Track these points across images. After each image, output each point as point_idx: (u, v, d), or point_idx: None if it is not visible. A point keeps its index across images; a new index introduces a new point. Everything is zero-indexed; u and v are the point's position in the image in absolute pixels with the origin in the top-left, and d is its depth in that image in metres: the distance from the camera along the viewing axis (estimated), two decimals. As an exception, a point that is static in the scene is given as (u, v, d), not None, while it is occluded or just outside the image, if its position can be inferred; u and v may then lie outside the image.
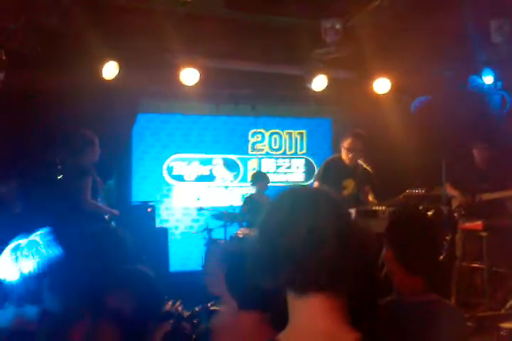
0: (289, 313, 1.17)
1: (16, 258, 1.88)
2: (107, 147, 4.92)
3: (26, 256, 1.88)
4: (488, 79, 5.63)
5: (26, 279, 1.85)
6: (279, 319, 1.22)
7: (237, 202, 6.91)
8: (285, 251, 1.10)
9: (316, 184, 5.20)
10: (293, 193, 1.20)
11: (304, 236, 1.09)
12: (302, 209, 1.13)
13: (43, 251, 1.91)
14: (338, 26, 5.22)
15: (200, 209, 6.37)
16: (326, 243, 1.09)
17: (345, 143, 5.08)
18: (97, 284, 1.94)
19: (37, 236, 1.97)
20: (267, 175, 6.43)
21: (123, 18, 4.94)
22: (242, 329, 1.83)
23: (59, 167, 4.88)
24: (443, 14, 4.90)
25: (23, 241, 1.94)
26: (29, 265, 1.86)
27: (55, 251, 1.94)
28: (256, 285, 1.67)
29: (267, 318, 1.85)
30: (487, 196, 5.14)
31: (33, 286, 1.85)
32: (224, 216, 5.95)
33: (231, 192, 7.18)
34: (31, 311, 1.85)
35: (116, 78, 5.39)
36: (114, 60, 5.30)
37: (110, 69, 5.34)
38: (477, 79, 5.70)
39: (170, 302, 2.34)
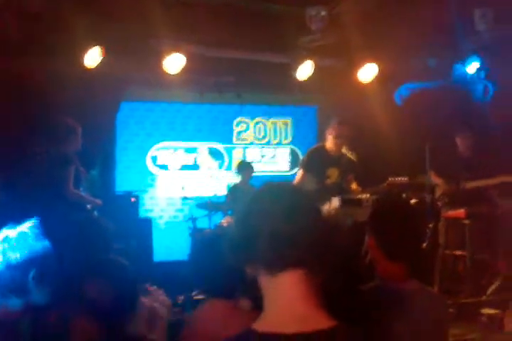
0: (264, 299, 1.18)
1: (4, 250, 1.86)
2: (90, 136, 4.86)
3: (14, 248, 1.86)
4: (471, 68, 5.65)
5: (13, 271, 1.84)
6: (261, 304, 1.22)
7: (222, 191, 6.89)
8: (263, 235, 1.13)
9: (300, 173, 5.20)
10: (274, 186, 1.26)
11: (281, 223, 1.13)
12: (281, 200, 1.18)
13: (32, 243, 1.90)
14: (323, 14, 5.19)
15: (185, 198, 6.34)
16: (302, 228, 1.14)
17: (332, 130, 5.06)
18: (79, 274, 1.93)
19: (26, 227, 1.95)
20: (252, 164, 6.42)
21: (107, 4, 4.84)
22: (214, 316, 1.84)
23: (41, 156, 4.81)
24: (428, 2, 4.89)
25: (11, 233, 1.92)
26: (16, 257, 1.85)
27: (43, 244, 1.93)
28: (227, 272, 1.68)
29: (240, 305, 1.85)
30: (471, 184, 5.19)
31: (19, 278, 1.84)
32: (208, 205, 5.93)
33: (216, 181, 7.15)
34: (15, 302, 1.84)
35: (100, 65, 5.30)
36: (98, 45, 5.21)
37: (93, 56, 5.24)
38: (461, 67, 5.72)
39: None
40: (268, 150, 7.54)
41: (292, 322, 1.11)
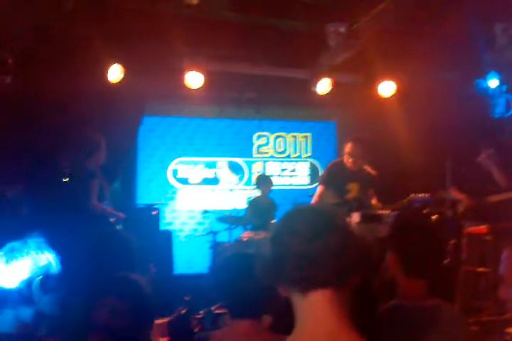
0: (295, 317, 1.21)
1: (8, 261, 1.88)
2: (112, 150, 4.94)
3: (18, 258, 1.88)
4: (493, 83, 5.61)
5: (19, 281, 1.86)
6: (281, 324, 1.24)
7: (242, 205, 6.92)
8: (293, 254, 1.17)
9: (320, 188, 5.19)
10: (303, 207, 1.32)
11: (307, 243, 1.17)
12: (309, 221, 1.22)
13: (36, 253, 1.91)
14: (342, 30, 5.22)
15: (205, 212, 6.38)
16: (328, 247, 1.17)
17: (346, 148, 5.07)
18: (98, 289, 1.94)
19: (30, 238, 1.98)
20: (271, 178, 6.44)
21: (128, 21, 4.96)
22: (239, 337, 1.84)
23: (65, 170, 4.90)
24: (448, 17, 4.90)
25: (16, 244, 1.95)
26: (22, 267, 1.87)
27: (49, 254, 1.95)
28: (255, 292, 1.69)
29: (264, 325, 1.86)
30: (494, 198, 5.10)
31: (25, 288, 1.85)
32: (228, 219, 5.95)
33: (236, 195, 7.19)
34: (26, 312, 1.85)
35: (122, 81, 5.42)
36: (120, 63, 5.33)
37: (116, 73, 5.37)
38: (482, 82, 5.69)
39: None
40: (288, 164, 7.56)
41: (324, 340, 1.14)
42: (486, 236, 4.83)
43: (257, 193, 6.21)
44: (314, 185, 7.07)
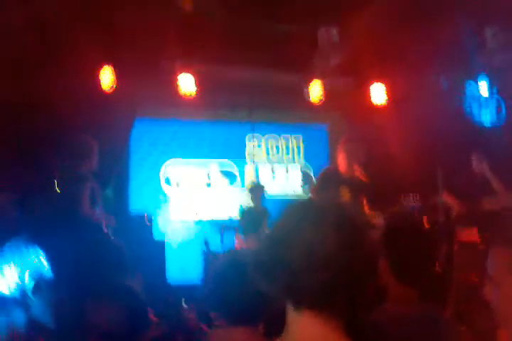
0: (287, 320, 1.17)
1: (0, 266, 1.87)
2: (104, 154, 4.91)
3: (10, 263, 1.86)
4: (483, 86, 5.64)
5: (12, 287, 1.84)
6: (274, 330, 1.22)
7: (234, 210, 6.86)
8: (285, 267, 1.11)
9: (312, 194, 5.19)
10: (302, 208, 1.21)
11: (304, 257, 1.09)
12: (308, 227, 1.12)
13: (29, 257, 1.90)
14: (334, 33, 5.25)
15: (198, 221, 6.32)
16: (325, 267, 1.09)
17: (341, 147, 5.08)
18: (90, 296, 1.92)
19: (22, 242, 1.96)
20: (263, 185, 6.36)
21: (120, 24, 4.95)
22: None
23: (57, 175, 4.86)
24: (438, 21, 4.92)
25: (7, 248, 1.93)
26: (14, 272, 1.85)
27: (40, 258, 1.93)
28: (248, 300, 1.66)
29: (259, 332, 1.84)
30: (487, 205, 5.07)
31: (18, 293, 1.84)
32: (221, 227, 5.91)
33: (227, 199, 7.15)
34: (19, 317, 1.83)
35: (114, 84, 5.40)
36: (111, 65, 5.31)
37: (107, 76, 5.35)
38: (473, 85, 5.72)
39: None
40: (280, 167, 7.54)
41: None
42: (477, 243, 4.82)
43: (250, 201, 6.14)
44: (305, 187, 7.07)
